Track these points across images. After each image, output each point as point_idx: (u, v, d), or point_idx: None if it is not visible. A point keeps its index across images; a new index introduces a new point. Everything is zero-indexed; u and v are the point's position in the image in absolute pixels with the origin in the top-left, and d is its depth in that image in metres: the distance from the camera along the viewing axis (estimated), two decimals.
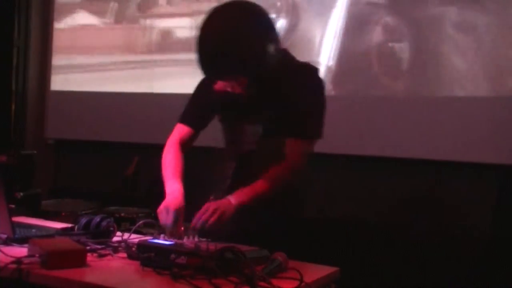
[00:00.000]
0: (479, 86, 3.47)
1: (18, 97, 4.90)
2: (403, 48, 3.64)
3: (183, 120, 2.23)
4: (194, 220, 1.91)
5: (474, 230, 3.47)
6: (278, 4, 4.00)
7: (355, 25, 3.77)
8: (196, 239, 1.87)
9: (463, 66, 3.49)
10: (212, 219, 1.90)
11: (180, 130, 2.23)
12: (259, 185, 2.02)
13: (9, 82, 4.83)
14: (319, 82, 2.17)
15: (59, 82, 4.81)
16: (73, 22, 4.84)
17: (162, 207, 1.99)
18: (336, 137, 3.81)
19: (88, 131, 4.63)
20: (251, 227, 2.03)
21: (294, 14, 3.96)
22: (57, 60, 4.84)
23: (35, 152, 4.15)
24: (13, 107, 4.88)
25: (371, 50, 3.70)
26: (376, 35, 3.70)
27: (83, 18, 4.82)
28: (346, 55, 3.79)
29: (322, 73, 3.77)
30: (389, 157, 3.68)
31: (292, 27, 3.96)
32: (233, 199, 1.98)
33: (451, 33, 3.51)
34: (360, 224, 3.79)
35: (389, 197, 3.70)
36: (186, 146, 2.22)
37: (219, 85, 2.01)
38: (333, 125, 3.86)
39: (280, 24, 3.97)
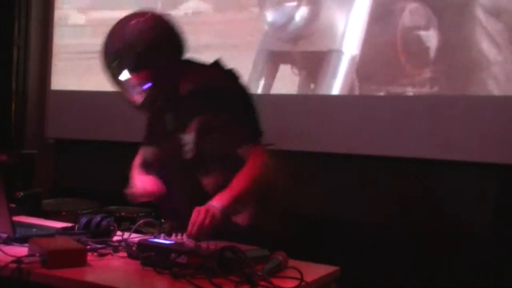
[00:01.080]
0: (479, 86, 3.47)
1: (18, 97, 4.90)
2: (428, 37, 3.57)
3: (142, 144, 2.39)
4: (190, 227, 1.89)
5: (474, 229, 3.47)
6: None
7: (380, 13, 3.68)
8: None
9: (464, 66, 3.49)
10: (207, 221, 1.90)
11: (141, 153, 2.38)
12: (235, 186, 2.03)
13: (9, 82, 4.83)
14: (241, 86, 2.19)
15: (59, 82, 4.81)
16: (73, 22, 4.84)
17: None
18: (336, 137, 3.82)
19: (88, 131, 4.63)
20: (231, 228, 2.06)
21: (315, 2, 3.89)
22: (57, 59, 4.84)
23: (35, 151, 4.16)
24: (13, 106, 4.88)
25: (396, 39, 3.63)
26: (401, 23, 3.62)
27: (83, 17, 4.82)
28: (370, 44, 3.72)
29: (345, 62, 3.79)
30: (389, 157, 3.68)
31: (313, 16, 3.90)
32: (215, 203, 1.98)
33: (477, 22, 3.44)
34: (360, 224, 3.79)
35: (389, 197, 3.70)
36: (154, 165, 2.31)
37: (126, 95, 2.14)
38: (333, 125, 3.89)
39: (301, 13, 3.92)
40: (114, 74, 2.10)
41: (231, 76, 2.18)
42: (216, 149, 2.10)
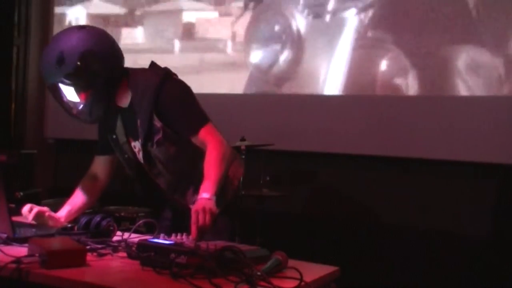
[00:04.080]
0: (480, 86, 3.47)
1: (18, 97, 4.90)
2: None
3: (96, 152, 2.41)
4: (193, 228, 1.89)
5: (474, 230, 3.47)
6: (283, 36, 4.03)
7: (361, 59, 3.77)
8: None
9: (462, 67, 3.49)
10: (208, 219, 1.90)
11: (94, 161, 2.42)
12: (212, 172, 2.04)
13: (9, 82, 4.83)
14: (174, 82, 2.22)
15: None
16: (73, 21, 4.84)
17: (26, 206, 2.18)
18: (336, 137, 3.82)
19: (88, 131, 4.58)
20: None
21: (299, 47, 3.97)
22: None
23: (35, 151, 4.15)
24: (13, 106, 4.88)
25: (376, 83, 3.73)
26: (381, 68, 3.72)
27: (83, 17, 4.82)
28: (351, 88, 3.82)
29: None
30: (389, 157, 3.68)
31: (296, 60, 3.98)
32: (206, 195, 1.98)
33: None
34: (360, 224, 3.79)
35: (389, 197, 3.70)
36: (103, 171, 2.38)
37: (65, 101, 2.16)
38: (334, 125, 3.89)
39: (285, 56, 4.01)
40: (53, 89, 2.13)
41: (165, 73, 2.19)
42: (163, 148, 2.14)
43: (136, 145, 2.21)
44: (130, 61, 2.26)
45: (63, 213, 2.28)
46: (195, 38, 4.36)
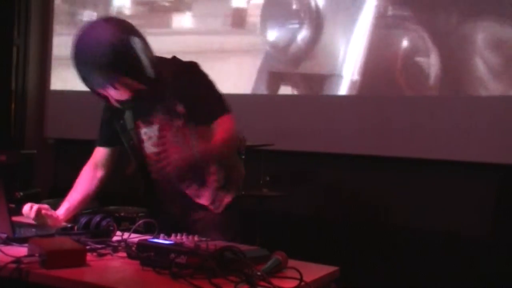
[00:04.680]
0: (480, 86, 3.47)
1: (18, 97, 4.90)
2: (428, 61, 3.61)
3: (97, 143, 2.38)
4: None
5: (474, 230, 3.47)
6: (302, 14, 3.97)
7: (381, 38, 3.72)
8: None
9: (466, 67, 3.49)
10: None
11: (95, 153, 2.38)
12: (218, 137, 2.07)
13: (9, 82, 4.83)
14: (203, 73, 2.21)
15: (58, 82, 4.81)
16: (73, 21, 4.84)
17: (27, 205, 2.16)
18: (336, 137, 3.82)
19: (88, 131, 4.58)
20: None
21: (317, 25, 3.91)
22: (57, 59, 4.84)
23: (35, 151, 4.15)
24: (13, 106, 4.88)
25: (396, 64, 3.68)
26: (402, 47, 3.67)
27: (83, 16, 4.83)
28: (370, 69, 3.76)
29: (345, 86, 3.80)
30: (389, 157, 3.68)
31: (315, 39, 3.92)
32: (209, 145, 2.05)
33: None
34: (360, 224, 3.79)
35: (389, 197, 3.70)
36: (105, 165, 2.35)
37: (112, 97, 2.11)
38: (334, 125, 3.89)
39: (303, 35, 3.94)
40: (100, 81, 2.07)
41: (192, 65, 2.18)
42: (180, 134, 2.13)
43: (148, 131, 2.19)
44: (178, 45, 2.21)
45: (61, 211, 2.27)
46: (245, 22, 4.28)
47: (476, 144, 3.43)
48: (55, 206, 3.49)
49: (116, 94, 2.08)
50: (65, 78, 4.80)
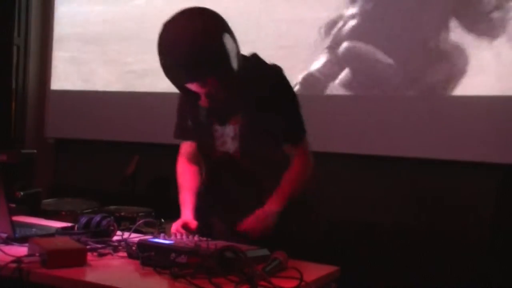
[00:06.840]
0: (480, 85, 3.46)
1: (18, 96, 4.90)
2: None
3: (183, 137, 2.28)
4: (244, 225, 1.93)
5: (474, 230, 3.47)
6: None
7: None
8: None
9: (462, 66, 3.49)
10: (259, 227, 1.95)
11: (186, 147, 2.29)
12: (286, 187, 2.05)
13: (9, 81, 4.83)
14: (287, 81, 2.17)
15: (59, 82, 4.81)
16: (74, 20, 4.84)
17: (175, 230, 2.04)
18: (335, 137, 3.82)
19: (88, 130, 4.63)
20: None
21: None
22: (57, 59, 4.84)
23: (35, 151, 4.15)
24: (13, 106, 4.88)
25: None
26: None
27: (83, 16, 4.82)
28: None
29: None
30: (389, 157, 3.68)
31: None
32: (274, 206, 2.01)
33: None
34: (360, 224, 3.79)
35: (389, 197, 3.70)
36: (196, 157, 2.27)
37: (198, 92, 2.01)
38: (332, 124, 3.88)
39: None
40: (191, 77, 1.96)
41: (277, 70, 2.12)
42: (260, 143, 2.07)
43: (220, 129, 2.12)
44: None
45: (189, 216, 2.13)
46: None
47: (476, 144, 3.42)
48: (55, 206, 3.50)
49: (202, 90, 1.98)
50: (66, 78, 4.80)
